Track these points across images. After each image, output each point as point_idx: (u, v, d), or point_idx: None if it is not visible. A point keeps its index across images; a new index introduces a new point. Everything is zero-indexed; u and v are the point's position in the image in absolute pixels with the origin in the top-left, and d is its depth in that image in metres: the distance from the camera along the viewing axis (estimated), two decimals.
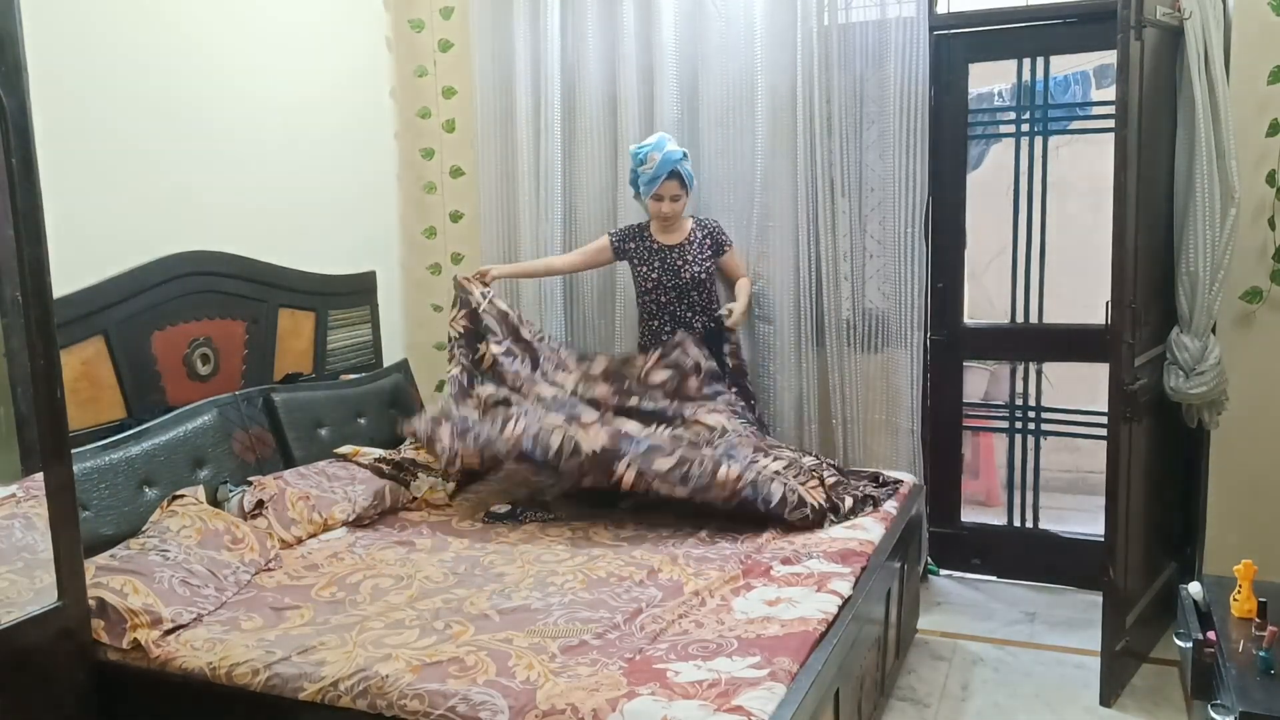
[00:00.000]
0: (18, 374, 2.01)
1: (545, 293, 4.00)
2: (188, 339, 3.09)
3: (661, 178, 3.36)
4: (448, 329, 3.44)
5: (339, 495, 3.03)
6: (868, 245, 3.61)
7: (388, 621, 2.31)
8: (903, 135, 3.46)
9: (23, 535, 2.09)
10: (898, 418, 3.59)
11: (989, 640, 3.31)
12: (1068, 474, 4.66)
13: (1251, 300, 3.14)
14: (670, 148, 3.40)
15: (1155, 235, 2.97)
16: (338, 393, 3.56)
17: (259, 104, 3.40)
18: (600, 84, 3.83)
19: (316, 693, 2.04)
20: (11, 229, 1.97)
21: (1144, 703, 2.89)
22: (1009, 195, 3.71)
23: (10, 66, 1.95)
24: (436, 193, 4.25)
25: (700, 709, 1.85)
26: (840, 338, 3.62)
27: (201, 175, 3.18)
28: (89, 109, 2.80)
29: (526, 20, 3.87)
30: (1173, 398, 3.05)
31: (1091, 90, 4.37)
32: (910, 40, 3.42)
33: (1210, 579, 2.88)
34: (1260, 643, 2.40)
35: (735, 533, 2.87)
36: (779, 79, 3.58)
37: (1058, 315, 3.77)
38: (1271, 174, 3.06)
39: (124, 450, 2.73)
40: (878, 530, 2.84)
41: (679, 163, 3.39)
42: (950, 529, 3.85)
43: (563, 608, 2.36)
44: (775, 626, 2.22)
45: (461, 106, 4.13)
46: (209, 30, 3.20)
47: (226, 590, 2.49)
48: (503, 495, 3.32)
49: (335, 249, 3.77)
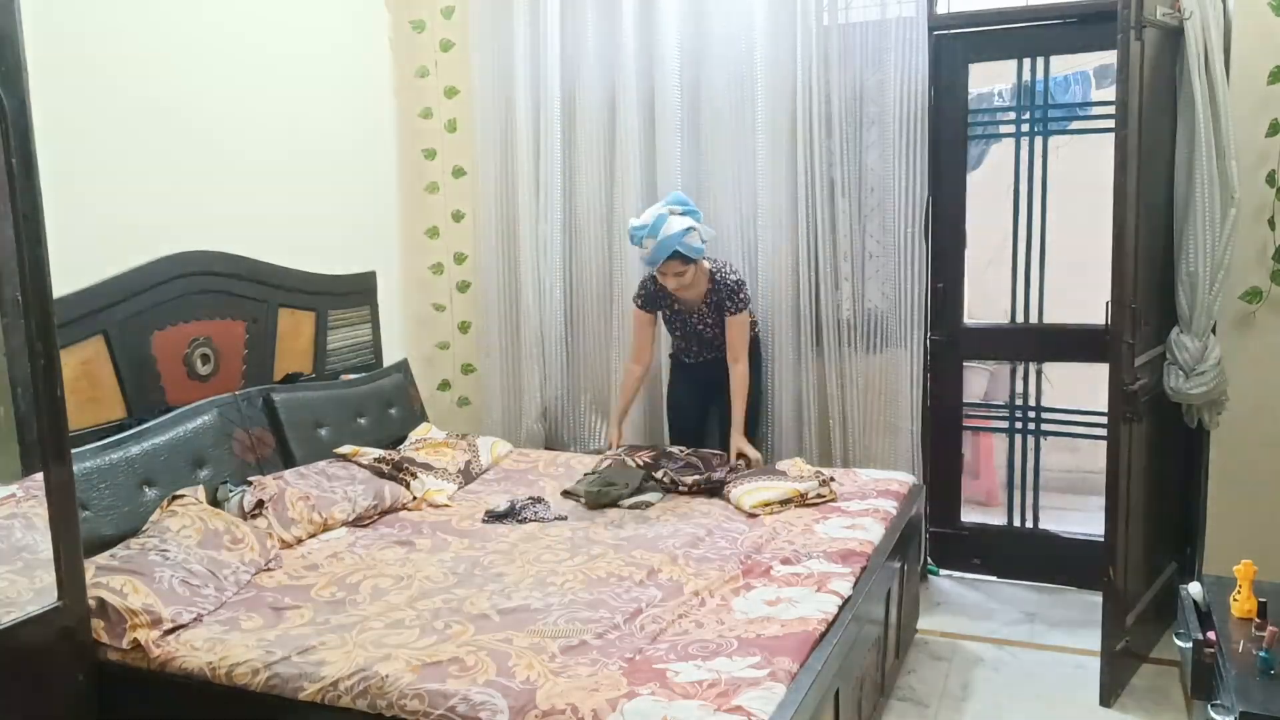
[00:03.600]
0: (18, 374, 2.01)
1: (545, 292, 4.00)
2: (188, 339, 3.09)
3: (660, 260, 3.27)
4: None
5: (339, 495, 3.03)
6: (868, 245, 3.61)
7: (388, 621, 2.31)
8: (903, 135, 3.46)
9: (23, 535, 2.09)
10: (898, 418, 3.59)
11: (989, 640, 3.31)
12: (1068, 474, 4.65)
13: (1251, 300, 3.14)
14: (669, 230, 3.21)
15: (1155, 235, 2.97)
16: (338, 393, 3.56)
17: (260, 103, 3.40)
18: (600, 84, 3.83)
19: (316, 693, 2.04)
20: (11, 229, 1.97)
21: (1144, 703, 2.89)
22: (1009, 195, 3.71)
23: (10, 66, 1.94)
24: (438, 192, 4.25)
25: (700, 709, 1.85)
26: (840, 338, 3.62)
27: (202, 175, 3.18)
28: (89, 109, 2.80)
29: (526, 20, 3.88)
30: (1173, 398, 3.05)
31: (1091, 90, 4.37)
32: (910, 40, 3.42)
33: (1210, 579, 2.88)
34: (1260, 643, 2.40)
35: (735, 533, 2.87)
36: (779, 79, 3.58)
37: (1058, 315, 3.77)
38: (1271, 174, 3.06)
39: (124, 450, 2.73)
40: (878, 530, 2.84)
41: (680, 242, 3.22)
42: (950, 529, 3.86)
43: (563, 608, 2.36)
44: (775, 626, 2.22)
45: (463, 106, 4.13)
46: (209, 30, 3.20)
47: (226, 590, 2.49)
48: (503, 495, 3.32)
49: (335, 249, 3.77)
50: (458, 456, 3.58)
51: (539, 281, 4.00)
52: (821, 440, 3.68)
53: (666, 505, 3.16)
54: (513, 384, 4.13)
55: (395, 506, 3.17)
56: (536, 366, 4.05)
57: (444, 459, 3.52)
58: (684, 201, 3.36)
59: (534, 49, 3.89)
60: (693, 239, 3.26)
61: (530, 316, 4.02)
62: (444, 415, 4.33)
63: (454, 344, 4.34)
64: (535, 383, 4.05)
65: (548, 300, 4.00)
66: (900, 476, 3.34)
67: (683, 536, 2.85)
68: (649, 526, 2.97)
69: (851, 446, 3.65)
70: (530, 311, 4.01)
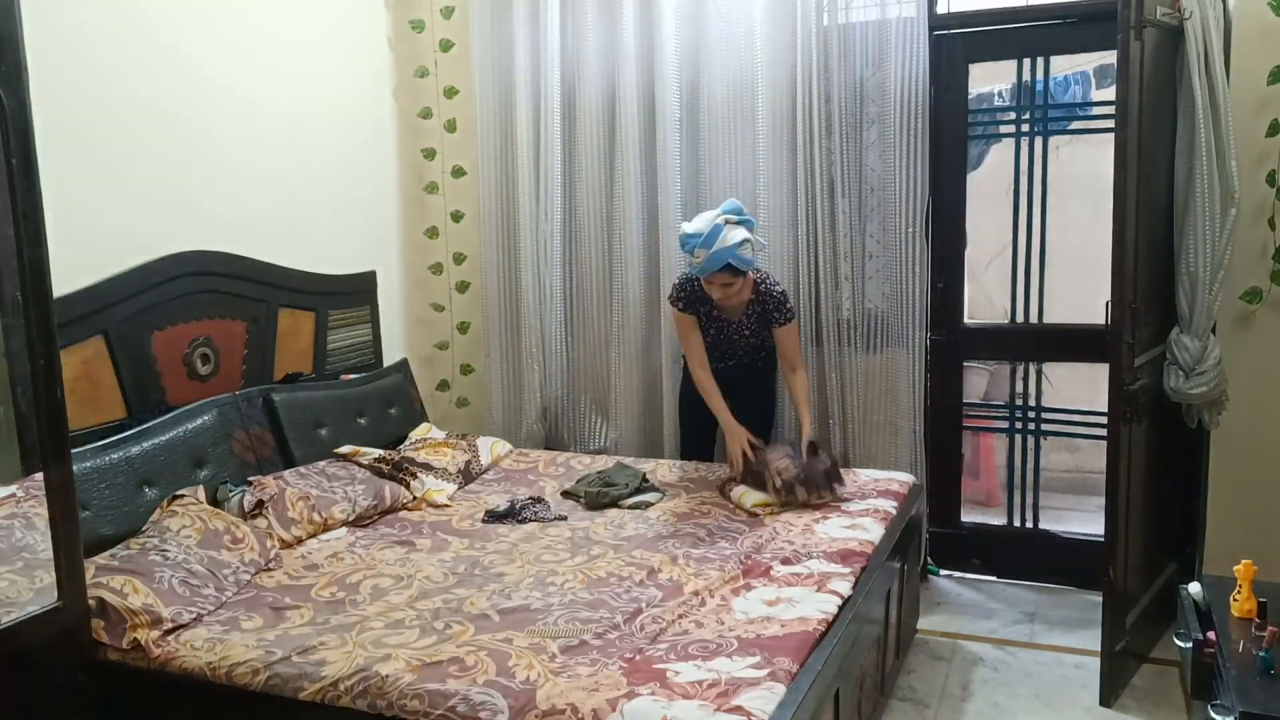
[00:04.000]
0: (18, 374, 2.01)
1: (545, 292, 4.00)
2: (188, 339, 3.08)
3: (712, 271, 3.14)
4: None
5: (339, 495, 3.03)
6: (868, 245, 3.61)
7: (388, 621, 2.31)
8: (903, 135, 3.46)
9: (23, 535, 2.09)
10: (898, 418, 3.59)
11: (989, 640, 3.31)
12: (1068, 474, 4.66)
13: (1251, 300, 3.14)
14: (725, 241, 3.07)
15: (1155, 235, 2.97)
16: (338, 393, 3.56)
17: (260, 104, 3.40)
18: (600, 84, 3.83)
19: (316, 693, 2.04)
20: (11, 229, 1.97)
21: (1144, 703, 2.89)
22: (1009, 195, 3.71)
23: (10, 66, 1.94)
24: (438, 192, 4.25)
25: (700, 709, 1.85)
26: (840, 338, 3.62)
27: (202, 175, 3.18)
28: (89, 109, 2.80)
29: (526, 20, 3.88)
30: (1173, 398, 3.05)
31: (1091, 90, 4.37)
32: (910, 40, 3.42)
33: (1210, 579, 2.87)
34: (1260, 643, 2.40)
35: (735, 533, 2.87)
36: (779, 79, 3.58)
37: (1058, 315, 3.77)
38: (1271, 174, 3.06)
39: (124, 450, 2.73)
40: (878, 530, 2.84)
41: (734, 254, 3.09)
42: (950, 529, 3.85)
43: (563, 608, 2.36)
44: (775, 626, 2.22)
45: (463, 106, 4.13)
46: (210, 29, 3.20)
47: (226, 590, 2.49)
48: (503, 495, 3.32)
49: (335, 249, 3.77)
50: (458, 456, 3.58)
51: (539, 281, 4.00)
52: (821, 440, 3.67)
53: (666, 505, 3.17)
54: (513, 384, 4.13)
55: (395, 506, 3.17)
56: (536, 366, 4.05)
57: (444, 459, 3.52)
58: (739, 210, 3.21)
59: (534, 49, 3.90)
60: (745, 251, 3.14)
61: (530, 316, 4.01)
62: (443, 416, 4.33)
63: (453, 344, 4.34)
64: (535, 383, 4.05)
65: (548, 300, 4.00)
66: (900, 476, 3.34)
67: (683, 536, 2.85)
68: (649, 526, 2.97)
69: (852, 446, 3.65)
70: (530, 311, 4.01)
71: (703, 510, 3.09)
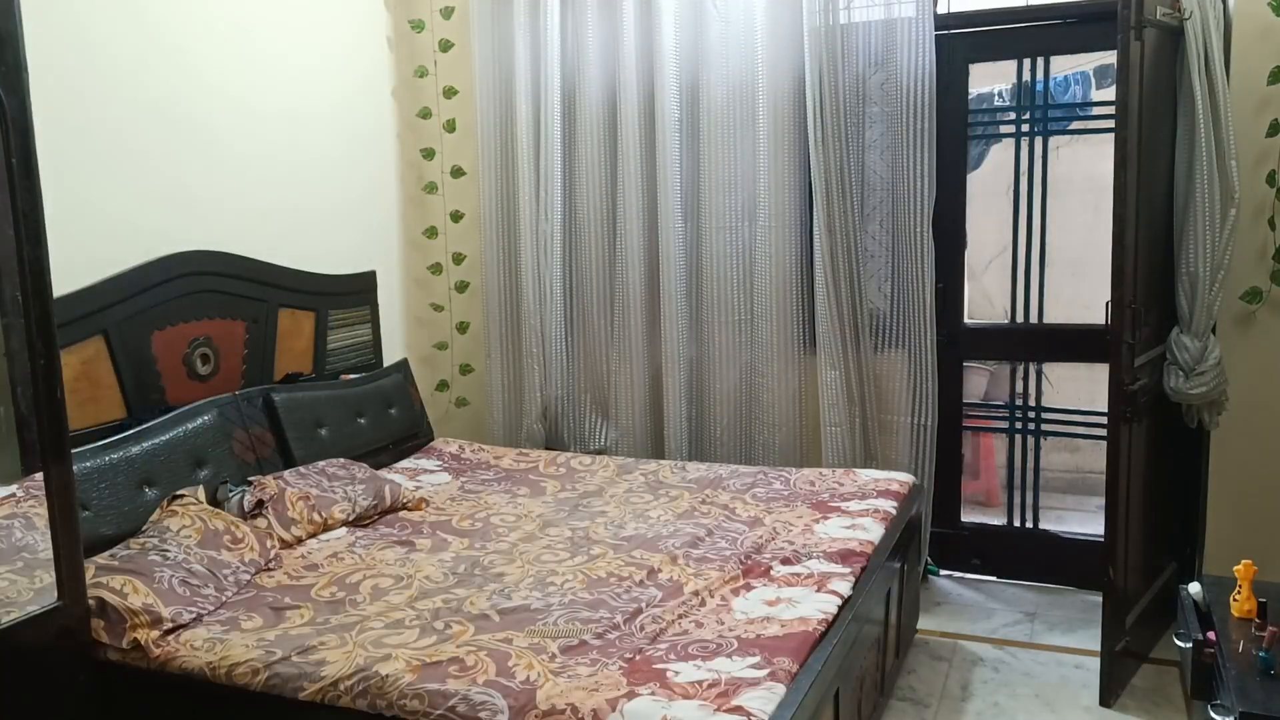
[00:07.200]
0: (18, 374, 2.01)
1: (545, 292, 4.00)
2: (188, 339, 3.08)
3: None
4: None
5: (339, 495, 3.03)
6: (868, 245, 3.61)
7: (388, 621, 2.31)
8: (908, 135, 3.46)
9: (23, 535, 2.09)
10: (900, 417, 3.59)
11: (989, 640, 3.31)
12: (1068, 474, 4.66)
13: (1251, 300, 3.14)
14: None
15: (1155, 235, 2.97)
16: (338, 393, 3.56)
17: (260, 103, 3.40)
18: (600, 84, 3.83)
19: (316, 693, 2.04)
20: (11, 229, 1.97)
21: (1144, 703, 2.89)
22: (1009, 195, 3.71)
23: (10, 66, 1.94)
24: (437, 192, 4.25)
25: (700, 709, 1.85)
26: (840, 338, 3.62)
27: (202, 174, 3.18)
28: (89, 109, 2.80)
29: (526, 20, 3.88)
30: (1173, 398, 3.05)
31: (1091, 90, 4.37)
32: (913, 40, 3.42)
33: (1210, 579, 2.88)
34: (1260, 643, 2.40)
35: (735, 533, 2.87)
36: (780, 79, 3.58)
37: (1058, 315, 3.78)
38: (1271, 174, 3.06)
39: (124, 450, 2.73)
40: (878, 530, 2.84)
41: None
42: (950, 529, 3.85)
43: (563, 608, 2.36)
44: (775, 626, 2.22)
45: (462, 106, 4.13)
46: (210, 29, 3.20)
47: (226, 590, 2.49)
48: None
49: (335, 249, 3.77)
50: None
51: (539, 281, 4.00)
52: (821, 440, 3.67)
53: (666, 505, 3.14)
54: (513, 384, 4.13)
55: (395, 506, 3.17)
56: (536, 366, 4.05)
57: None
58: None
59: (534, 49, 3.89)
60: None
61: (530, 316, 4.01)
62: (443, 416, 4.33)
63: (452, 344, 4.34)
64: (535, 382, 4.05)
65: (548, 300, 4.00)
66: (900, 476, 3.33)
67: (683, 536, 2.85)
68: (649, 526, 2.97)
69: (852, 446, 3.65)
70: (530, 311, 4.01)
71: (703, 510, 3.09)
